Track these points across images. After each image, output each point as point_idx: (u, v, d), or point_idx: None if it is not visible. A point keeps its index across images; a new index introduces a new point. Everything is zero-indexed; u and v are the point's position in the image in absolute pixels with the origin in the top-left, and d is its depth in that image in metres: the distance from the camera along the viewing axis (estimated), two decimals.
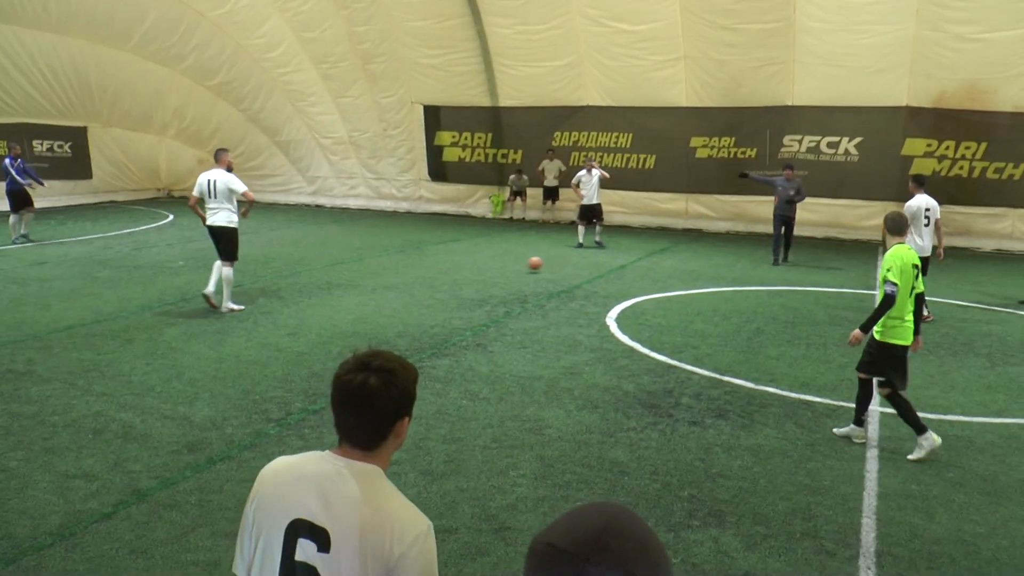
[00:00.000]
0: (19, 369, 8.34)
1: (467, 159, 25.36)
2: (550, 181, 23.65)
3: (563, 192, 23.61)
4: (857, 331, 6.78)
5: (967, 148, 20.82)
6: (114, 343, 9.38)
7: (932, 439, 6.52)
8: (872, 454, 6.65)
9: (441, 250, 17.51)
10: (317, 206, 27.16)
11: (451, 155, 25.47)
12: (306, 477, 2.18)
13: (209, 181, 11.02)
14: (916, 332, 6.86)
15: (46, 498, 5.45)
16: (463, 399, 7.50)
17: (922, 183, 12.28)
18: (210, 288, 11.12)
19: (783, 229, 17.16)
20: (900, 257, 6.65)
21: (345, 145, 26.61)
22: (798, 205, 17.35)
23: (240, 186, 11.05)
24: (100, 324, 10.27)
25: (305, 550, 2.11)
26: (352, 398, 2.16)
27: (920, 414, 6.83)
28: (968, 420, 7.60)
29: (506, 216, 24.95)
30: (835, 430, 7.10)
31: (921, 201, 11.92)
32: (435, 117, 25.14)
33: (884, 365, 6.78)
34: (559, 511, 5.26)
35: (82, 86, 24.63)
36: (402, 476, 5.70)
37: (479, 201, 25.72)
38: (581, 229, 19.09)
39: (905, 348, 6.76)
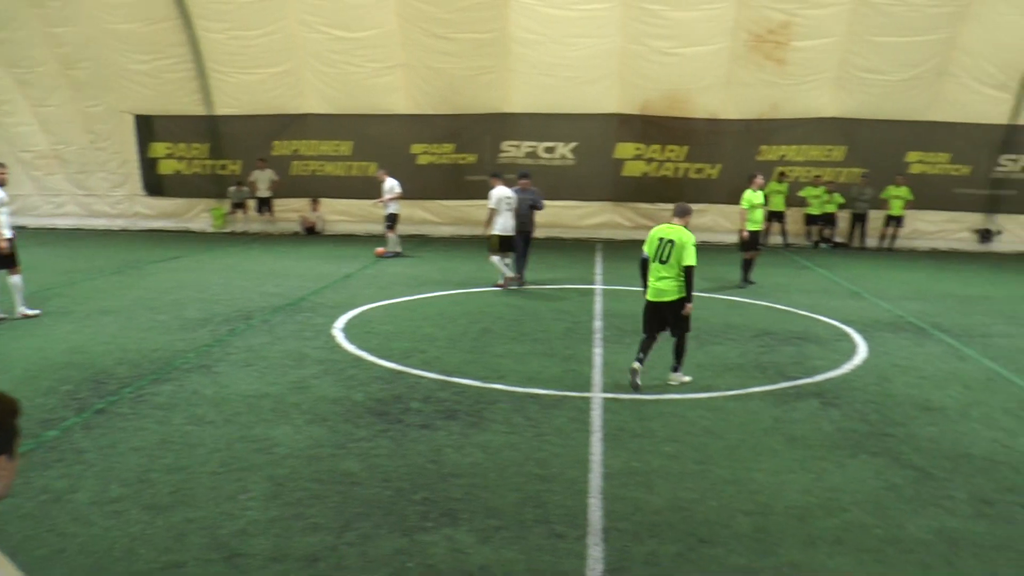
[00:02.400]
0: None
1: (184, 171, 24.27)
2: (263, 192, 23.25)
3: (277, 203, 23.33)
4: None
5: (672, 151, 22.83)
6: None
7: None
8: (597, 438, 7.14)
9: (161, 268, 16.72)
10: (19, 227, 24.77)
11: (167, 167, 24.27)
12: None
13: None
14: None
15: None
16: (188, 424, 7.29)
17: (499, 176, 15.12)
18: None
19: (524, 244, 15.08)
20: (655, 232, 8.80)
21: (49, 159, 24.44)
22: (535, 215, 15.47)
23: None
24: None
25: None
26: None
27: (639, 396, 8.02)
28: (681, 397, 8.39)
29: (228, 230, 24.18)
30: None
31: (501, 192, 14.47)
32: (148, 127, 23.81)
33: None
34: (292, 530, 5.31)
35: None
36: (124, 514, 5.49)
37: (199, 215, 24.69)
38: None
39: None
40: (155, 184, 24.46)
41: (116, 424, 7.23)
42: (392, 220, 19.03)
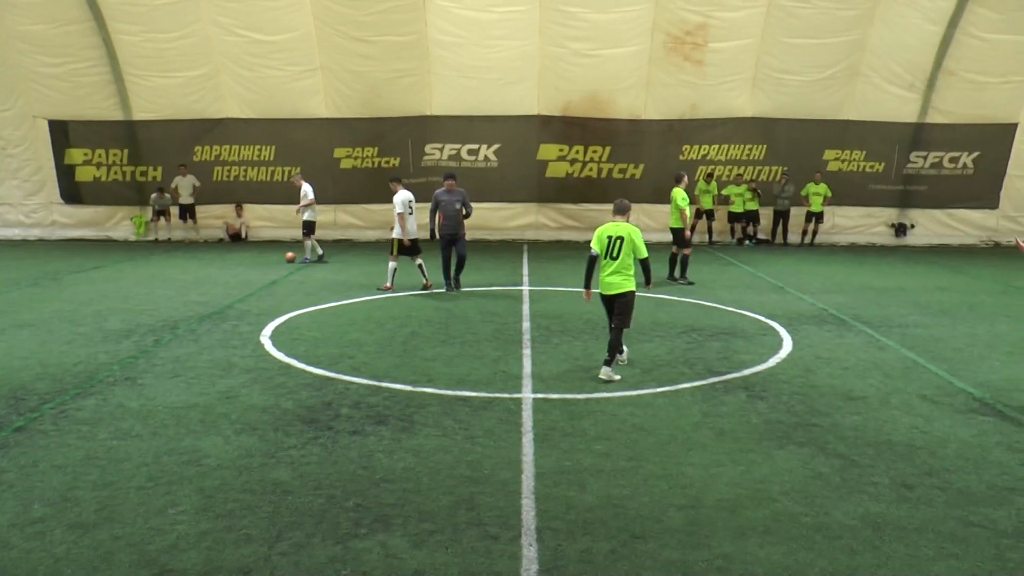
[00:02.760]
0: None
1: (103, 178, 23.66)
2: (185, 198, 22.83)
3: (200, 209, 22.94)
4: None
5: (594, 152, 23.07)
6: None
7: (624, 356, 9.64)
8: (528, 438, 7.16)
9: (82, 279, 16.27)
10: None
11: (85, 174, 23.62)
12: None
13: None
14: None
15: None
16: (113, 439, 7.11)
17: (399, 180, 15.40)
18: None
19: (451, 249, 14.84)
20: (602, 231, 9.22)
21: None
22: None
23: None
24: None
25: None
26: None
27: (569, 395, 7.91)
28: (611, 395, 8.47)
29: (151, 238, 23.69)
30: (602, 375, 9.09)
31: (405, 195, 14.84)
32: (63, 133, 23.11)
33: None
34: (223, 543, 5.23)
35: None
36: (47, 534, 5.33)
37: (120, 223, 24.11)
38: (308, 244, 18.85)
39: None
40: (73, 192, 23.77)
41: (37, 442, 7.01)
42: (308, 228, 18.80)
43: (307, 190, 18.53)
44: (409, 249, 14.93)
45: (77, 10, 20.98)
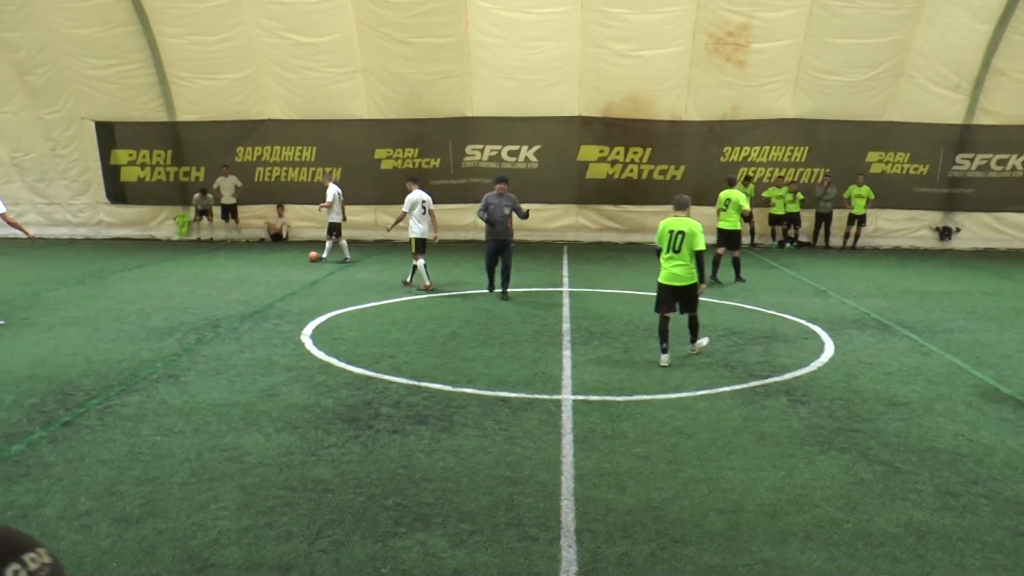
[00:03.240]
0: None
1: (147, 179, 24.00)
2: (227, 199, 23.07)
3: (242, 209, 23.19)
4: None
5: (635, 153, 22.95)
6: None
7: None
8: (567, 440, 7.15)
9: (126, 278, 16.53)
10: None
11: (130, 175, 23.98)
12: None
13: None
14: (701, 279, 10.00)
15: None
16: (157, 435, 7.21)
17: (416, 180, 15.63)
18: None
19: (497, 257, 14.17)
20: (664, 225, 9.93)
21: (7, 168, 23.99)
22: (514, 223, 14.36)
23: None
24: None
25: None
26: None
27: (609, 397, 7.98)
28: (651, 398, 8.44)
29: (193, 237, 23.98)
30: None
31: (417, 196, 14.94)
32: (109, 134, 23.47)
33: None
34: (264, 539, 5.27)
35: None
36: (93, 527, 5.42)
37: (164, 223, 24.45)
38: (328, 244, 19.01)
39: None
40: (118, 192, 24.16)
41: (83, 436, 7.14)
42: (333, 229, 18.96)
43: (330, 192, 18.68)
44: (421, 246, 15.21)
45: (124, 14, 21.30)
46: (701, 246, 9.70)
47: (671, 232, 9.79)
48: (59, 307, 13.30)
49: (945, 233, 23.47)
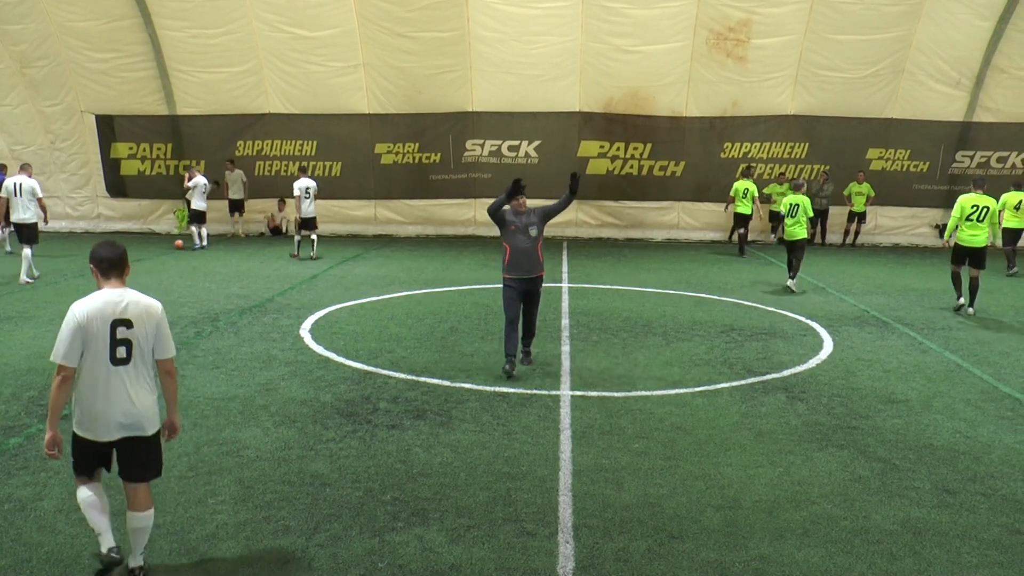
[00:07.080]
0: None
1: (147, 172, 23.93)
2: (234, 193, 23.00)
3: (249, 204, 23.15)
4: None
5: (635, 149, 22.92)
6: None
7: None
8: (566, 435, 7.17)
9: None
10: None
11: (130, 168, 23.91)
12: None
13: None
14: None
15: None
16: None
17: (303, 169, 16.56)
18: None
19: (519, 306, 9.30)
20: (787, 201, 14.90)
21: (7, 161, 23.94)
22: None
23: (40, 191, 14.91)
24: None
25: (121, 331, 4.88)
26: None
27: (607, 393, 8.09)
28: (649, 394, 8.45)
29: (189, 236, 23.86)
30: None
31: (302, 183, 16.61)
32: (109, 127, 23.38)
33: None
34: (262, 533, 5.28)
35: None
36: None
37: (163, 217, 24.38)
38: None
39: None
40: (118, 185, 24.09)
41: None
42: (196, 216, 20.54)
43: (196, 180, 20.08)
44: (305, 224, 18.43)
45: (125, 7, 21.26)
46: (811, 213, 15.02)
47: (791, 205, 14.73)
48: (58, 300, 13.30)
49: (945, 231, 23.43)
